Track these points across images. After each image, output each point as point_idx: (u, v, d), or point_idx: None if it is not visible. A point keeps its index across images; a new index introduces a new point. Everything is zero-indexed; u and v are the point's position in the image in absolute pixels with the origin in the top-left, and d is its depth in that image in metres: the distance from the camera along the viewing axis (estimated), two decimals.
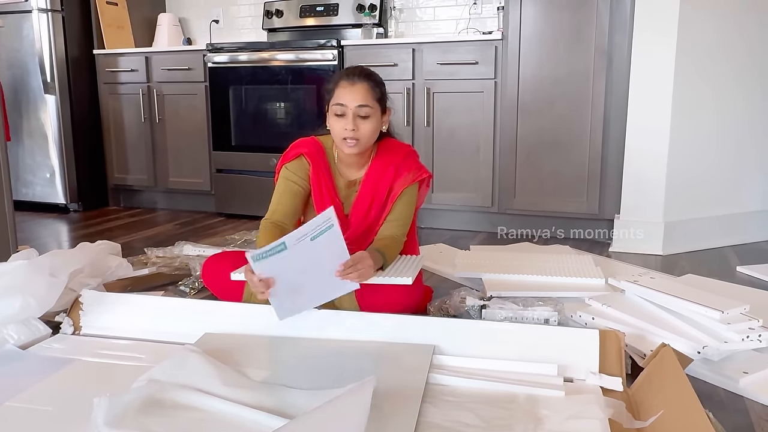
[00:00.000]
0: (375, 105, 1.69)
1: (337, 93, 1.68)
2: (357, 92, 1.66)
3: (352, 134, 1.66)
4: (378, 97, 1.70)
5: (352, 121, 1.66)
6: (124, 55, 3.66)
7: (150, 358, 1.49)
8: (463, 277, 2.18)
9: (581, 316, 1.76)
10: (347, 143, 1.68)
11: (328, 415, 1.06)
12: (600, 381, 1.35)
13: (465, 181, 3.03)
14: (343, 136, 1.67)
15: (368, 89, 1.68)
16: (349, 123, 1.66)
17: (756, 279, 2.25)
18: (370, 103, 1.68)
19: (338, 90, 1.69)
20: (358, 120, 1.67)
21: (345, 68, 1.77)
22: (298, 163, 1.78)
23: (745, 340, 1.51)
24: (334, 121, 1.69)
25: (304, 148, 1.78)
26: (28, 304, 1.57)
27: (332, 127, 1.71)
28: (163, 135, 3.63)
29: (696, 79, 2.59)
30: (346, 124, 1.66)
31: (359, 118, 1.67)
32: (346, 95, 1.67)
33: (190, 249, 2.57)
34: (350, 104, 1.66)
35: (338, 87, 1.69)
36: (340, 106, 1.67)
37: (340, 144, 1.71)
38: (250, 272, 1.47)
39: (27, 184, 3.72)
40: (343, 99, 1.67)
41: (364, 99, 1.67)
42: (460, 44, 2.95)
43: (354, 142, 1.67)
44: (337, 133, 1.69)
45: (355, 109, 1.66)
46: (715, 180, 2.72)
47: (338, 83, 1.70)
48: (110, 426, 1.11)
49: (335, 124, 1.69)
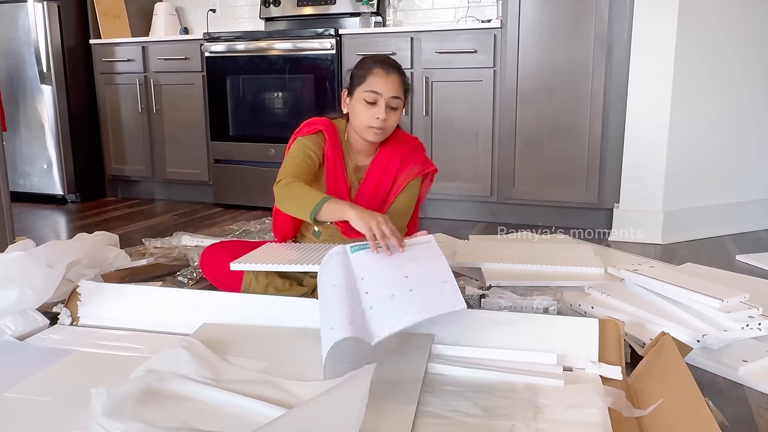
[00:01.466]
0: (403, 98, 1.71)
1: (371, 80, 1.67)
2: (392, 83, 1.67)
3: (381, 123, 1.66)
4: (405, 90, 1.72)
5: (384, 110, 1.66)
6: (121, 45, 3.64)
7: (148, 349, 1.49)
8: (462, 267, 2.17)
9: (580, 305, 1.76)
10: (374, 131, 1.67)
11: (326, 404, 1.05)
12: (599, 370, 1.34)
13: (464, 171, 3.02)
14: (370, 124, 1.67)
15: (401, 81, 1.69)
16: (382, 112, 1.66)
17: (755, 267, 2.24)
18: (401, 95, 1.69)
19: (372, 77, 1.67)
20: (389, 110, 1.67)
21: (374, 56, 1.74)
22: (315, 138, 1.77)
23: (745, 329, 1.50)
24: (363, 107, 1.67)
25: (321, 125, 1.78)
26: (26, 295, 1.56)
27: (359, 113, 1.69)
28: (160, 125, 3.62)
29: (697, 66, 2.57)
30: (378, 113, 1.65)
31: (389, 108, 1.67)
32: (382, 84, 1.66)
33: (188, 239, 2.57)
34: (385, 94, 1.66)
35: (372, 74, 1.67)
36: (374, 94, 1.66)
37: (363, 131, 1.70)
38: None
39: (24, 175, 3.70)
40: (378, 87, 1.66)
41: (398, 90, 1.68)
42: (458, 33, 2.93)
43: (381, 131, 1.68)
44: (365, 120, 1.68)
45: (389, 99, 1.66)
46: (714, 169, 2.71)
47: (371, 70, 1.68)
48: (108, 416, 1.11)
49: (364, 111, 1.67)
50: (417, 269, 1.39)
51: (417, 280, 1.37)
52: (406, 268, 1.40)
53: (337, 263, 1.43)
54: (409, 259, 1.43)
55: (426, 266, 1.41)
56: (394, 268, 1.40)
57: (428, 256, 1.45)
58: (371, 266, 1.42)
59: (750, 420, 1.24)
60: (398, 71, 1.70)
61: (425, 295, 1.34)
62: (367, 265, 1.42)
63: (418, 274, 1.38)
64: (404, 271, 1.39)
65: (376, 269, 1.41)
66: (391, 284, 1.36)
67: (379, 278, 1.39)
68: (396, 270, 1.40)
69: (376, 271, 1.40)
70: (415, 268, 1.40)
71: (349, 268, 1.42)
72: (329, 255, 1.46)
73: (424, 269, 1.40)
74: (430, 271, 1.40)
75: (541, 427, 1.13)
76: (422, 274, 1.39)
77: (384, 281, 1.37)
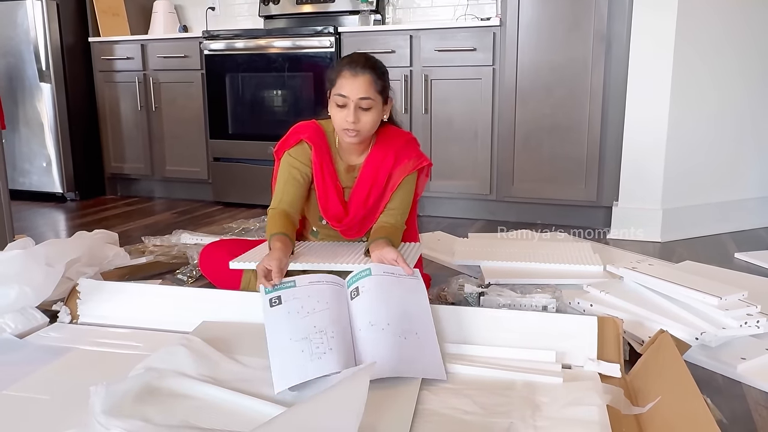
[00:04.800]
0: (376, 97, 1.66)
1: (339, 83, 1.65)
2: (359, 84, 1.62)
3: (352, 126, 1.64)
4: (380, 89, 1.67)
5: (353, 113, 1.63)
6: (120, 43, 3.63)
7: (147, 347, 1.49)
8: (461, 265, 2.17)
9: (579, 303, 1.76)
10: (348, 133, 1.66)
11: (325, 402, 1.06)
12: (598, 367, 1.35)
13: (463, 169, 3.02)
14: (344, 127, 1.66)
15: (371, 81, 1.64)
16: (350, 115, 1.63)
17: (754, 265, 2.25)
18: (372, 96, 1.64)
19: (340, 80, 1.65)
20: (360, 112, 1.64)
21: (349, 56, 1.72)
22: (299, 149, 1.76)
23: (743, 326, 1.51)
24: (336, 110, 1.66)
25: (304, 133, 1.76)
26: (25, 293, 1.56)
27: (333, 117, 1.68)
28: (159, 123, 3.61)
29: (696, 64, 2.57)
30: (347, 116, 1.63)
31: (360, 110, 1.64)
32: (348, 87, 1.63)
33: (187, 237, 2.57)
34: (352, 96, 1.62)
35: (340, 77, 1.65)
36: (342, 97, 1.63)
37: (341, 134, 1.70)
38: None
39: (24, 173, 3.70)
40: (345, 90, 1.63)
41: (366, 91, 1.63)
42: (457, 31, 2.93)
43: (354, 133, 1.66)
44: (338, 123, 1.67)
45: (357, 101, 1.63)
46: (713, 166, 2.71)
47: (340, 73, 1.65)
48: (107, 414, 1.11)
49: (336, 114, 1.66)
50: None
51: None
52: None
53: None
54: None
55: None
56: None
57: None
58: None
59: (748, 417, 1.24)
60: (370, 70, 1.65)
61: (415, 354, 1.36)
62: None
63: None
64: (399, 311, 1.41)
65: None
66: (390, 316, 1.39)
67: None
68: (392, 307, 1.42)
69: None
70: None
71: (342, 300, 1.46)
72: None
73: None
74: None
75: (539, 424, 1.14)
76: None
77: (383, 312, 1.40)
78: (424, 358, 1.35)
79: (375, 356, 1.31)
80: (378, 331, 1.36)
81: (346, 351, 1.34)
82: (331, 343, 1.33)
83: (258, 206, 3.28)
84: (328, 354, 1.31)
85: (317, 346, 1.31)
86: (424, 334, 1.39)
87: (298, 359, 1.30)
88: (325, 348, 1.31)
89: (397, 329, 1.36)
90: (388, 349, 1.33)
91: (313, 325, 1.35)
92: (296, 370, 1.28)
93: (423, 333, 1.39)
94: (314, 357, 1.30)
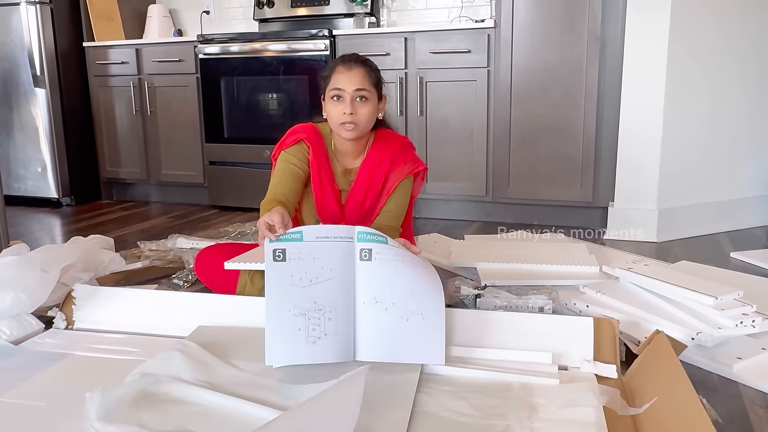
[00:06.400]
0: (372, 89, 1.70)
1: (334, 78, 1.69)
2: (354, 77, 1.67)
3: (350, 118, 1.66)
4: (374, 82, 1.72)
5: (350, 104, 1.66)
6: (114, 48, 3.63)
7: (143, 352, 1.48)
8: (457, 267, 2.17)
9: (576, 304, 1.76)
10: (346, 127, 1.68)
11: (321, 405, 1.06)
12: (594, 368, 1.35)
13: (459, 171, 3.02)
14: (341, 121, 1.67)
15: (365, 74, 1.69)
16: (347, 106, 1.66)
17: (750, 265, 2.25)
18: (367, 87, 1.69)
19: (335, 75, 1.69)
20: (356, 104, 1.68)
21: (341, 55, 1.77)
22: (297, 148, 1.77)
23: (739, 326, 1.51)
24: (332, 106, 1.69)
25: (303, 134, 1.78)
26: (20, 299, 1.56)
27: (330, 113, 1.71)
28: (155, 128, 3.61)
29: (690, 64, 2.58)
30: (345, 108, 1.66)
31: (357, 101, 1.68)
32: (344, 80, 1.67)
33: (183, 242, 2.56)
34: (348, 88, 1.67)
35: (335, 73, 1.70)
36: (338, 91, 1.67)
37: (338, 129, 1.71)
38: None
39: (19, 179, 3.69)
40: (341, 83, 1.67)
41: (362, 83, 1.68)
42: (452, 33, 2.93)
43: (352, 126, 1.68)
44: (335, 117, 1.69)
45: (353, 93, 1.67)
46: (709, 166, 2.72)
47: (335, 69, 1.71)
48: (103, 420, 1.11)
49: (333, 109, 1.69)
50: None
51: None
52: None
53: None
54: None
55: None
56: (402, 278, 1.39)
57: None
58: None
59: (744, 417, 1.24)
60: (363, 64, 1.71)
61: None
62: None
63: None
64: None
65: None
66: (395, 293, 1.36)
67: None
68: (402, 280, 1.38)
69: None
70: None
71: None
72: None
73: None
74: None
75: (536, 426, 1.14)
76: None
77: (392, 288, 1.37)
78: (423, 342, 1.35)
79: (373, 336, 1.34)
80: (381, 310, 1.35)
81: (344, 334, 1.34)
82: (327, 327, 1.33)
83: (254, 210, 3.24)
84: (323, 339, 1.32)
85: (314, 328, 1.33)
86: (431, 314, 1.36)
87: (292, 338, 1.32)
88: (320, 332, 1.33)
89: (401, 310, 1.35)
90: (387, 332, 1.35)
91: (313, 300, 1.34)
92: (290, 350, 1.32)
93: (429, 314, 1.36)
94: (309, 341, 1.32)
